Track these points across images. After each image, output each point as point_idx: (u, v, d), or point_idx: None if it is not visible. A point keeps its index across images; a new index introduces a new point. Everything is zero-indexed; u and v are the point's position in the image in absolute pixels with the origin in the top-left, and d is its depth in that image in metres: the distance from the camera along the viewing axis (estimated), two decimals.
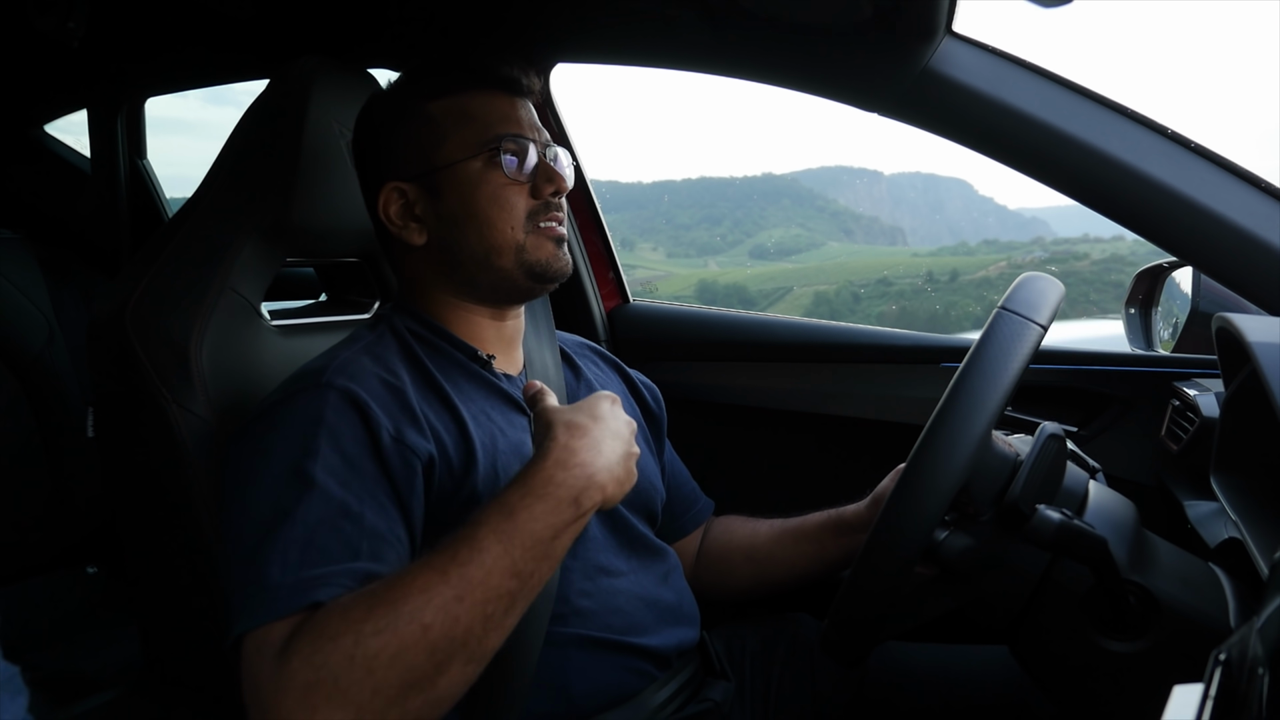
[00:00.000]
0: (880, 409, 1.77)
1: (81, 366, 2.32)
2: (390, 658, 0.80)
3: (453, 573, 0.85)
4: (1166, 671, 0.85)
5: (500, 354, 1.23)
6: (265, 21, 1.82)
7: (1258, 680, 0.58)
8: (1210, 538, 1.16)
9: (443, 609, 0.83)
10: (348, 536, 0.92)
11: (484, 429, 1.13)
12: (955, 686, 1.30)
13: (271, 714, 0.80)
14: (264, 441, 1.00)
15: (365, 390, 1.03)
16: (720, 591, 1.45)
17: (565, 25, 1.57)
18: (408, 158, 1.18)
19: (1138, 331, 1.81)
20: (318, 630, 0.82)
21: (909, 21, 1.26)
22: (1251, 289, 1.21)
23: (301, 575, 0.88)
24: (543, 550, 0.89)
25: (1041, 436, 0.97)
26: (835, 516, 1.36)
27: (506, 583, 0.86)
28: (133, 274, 1.22)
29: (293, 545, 0.90)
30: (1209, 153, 1.24)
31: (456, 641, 0.83)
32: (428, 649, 0.82)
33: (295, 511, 0.92)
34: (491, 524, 0.88)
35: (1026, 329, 0.93)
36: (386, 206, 1.19)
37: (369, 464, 0.99)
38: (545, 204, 1.17)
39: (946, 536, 0.99)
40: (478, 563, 0.85)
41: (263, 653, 0.83)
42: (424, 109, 1.17)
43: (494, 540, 0.87)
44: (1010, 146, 1.30)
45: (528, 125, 1.19)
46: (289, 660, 0.81)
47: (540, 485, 0.90)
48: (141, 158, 2.56)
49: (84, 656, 1.96)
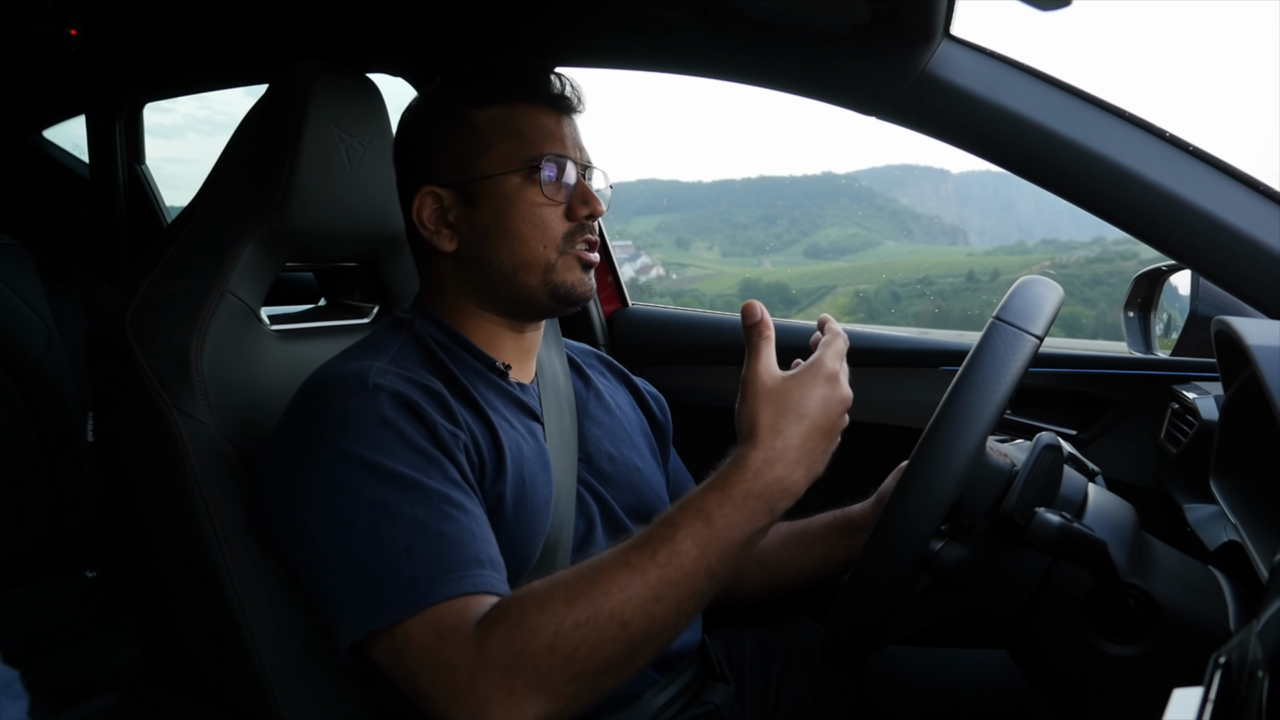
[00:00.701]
0: (879, 412, 1.77)
1: (80, 371, 2.32)
2: (590, 650, 0.85)
3: (652, 573, 0.88)
4: (1166, 675, 0.85)
5: (516, 364, 1.23)
6: (264, 26, 1.83)
7: (1257, 684, 0.58)
8: (1210, 541, 1.16)
9: (641, 608, 0.87)
10: (458, 521, 0.95)
11: (510, 437, 1.13)
12: (955, 690, 1.30)
13: (469, 694, 0.86)
14: (330, 449, 0.99)
15: (411, 391, 1.04)
16: (729, 597, 1.43)
17: (563, 29, 1.57)
18: (448, 164, 1.17)
19: (1137, 335, 1.81)
20: (515, 620, 0.87)
21: (907, 25, 1.26)
22: (1250, 292, 1.20)
23: (433, 564, 0.91)
24: (736, 554, 0.91)
25: (1037, 447, 0.96)
26: (841, 518, 1.35)
27: (701, 584, 0.89)
28: (132, 278, 1.22)
29: (414, 536, 0.93)
30: (1207, 156, 1.24)
31: (652, 635, 0.88)
32: (625, 642, 0.86)
33: (398, 506, 0.94)
34: (690, 528, 0.90)
35: (1021, 341, 0.92)
36: (420, 209, 1.18)
37: (441, 456, 1.01)
38: (580, 226, 1.17)
39: (942, 547, 0.98)
40: (676, 565, 0.88)
41: (448, 638, 0.88)
42: (469, 116, 1.17)
43: (692, 545, 0.89)
44: (1009, 150, 1.30)
45: (571, 144, 1.18)
46: (487, 646, 0.86)
47: (740, 496, 0.91)
48: (140, 163, 2.56)
49: (83, 661, 1.96)
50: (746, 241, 21.54)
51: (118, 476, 1.24)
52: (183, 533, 1.16)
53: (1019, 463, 0.98)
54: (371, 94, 1.35)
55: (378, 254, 1.47)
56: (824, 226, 22.46)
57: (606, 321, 2.08)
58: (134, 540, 1.25)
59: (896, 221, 23.37)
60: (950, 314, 11.56)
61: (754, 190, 24.91)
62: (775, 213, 21.87)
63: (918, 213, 21.41)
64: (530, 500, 1.11)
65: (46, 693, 1.80)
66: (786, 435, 0.92)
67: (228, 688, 1.19)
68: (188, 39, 2.05)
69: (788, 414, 0.93)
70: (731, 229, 22.02)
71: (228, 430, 1.18)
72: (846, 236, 22.55)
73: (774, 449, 0.92)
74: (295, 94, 1.26)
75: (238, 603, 1.15)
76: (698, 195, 24.67)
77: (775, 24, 1.36)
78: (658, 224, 22.00)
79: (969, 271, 14.86)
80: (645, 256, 19.39)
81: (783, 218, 21.63)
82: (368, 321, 1.51)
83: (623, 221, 23.24)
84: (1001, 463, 0.99)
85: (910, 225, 22.63)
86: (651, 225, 21.94)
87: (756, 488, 0.91)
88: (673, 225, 22.58)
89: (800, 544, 1.38)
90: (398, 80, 1.80)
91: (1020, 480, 0.95)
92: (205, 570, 1.16)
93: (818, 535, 1.37)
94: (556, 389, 1.28)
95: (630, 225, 22.25)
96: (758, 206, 22.62)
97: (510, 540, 1.08)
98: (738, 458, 0.93)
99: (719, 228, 22.16)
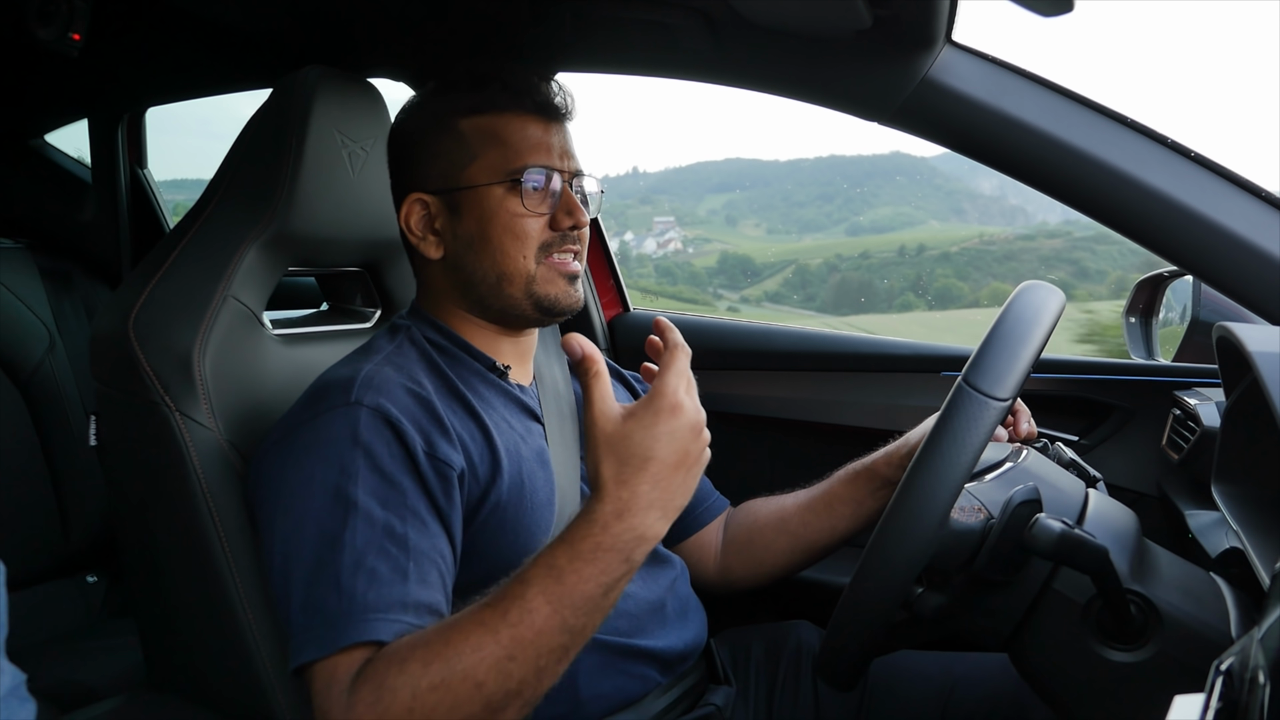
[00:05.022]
0: (880, 418, 1.77)
1: (82, 375, 2.32)
2: (447, 711, 0.85)
3: (504, 633, 0.86)
4: (1168, 681, 0.85)
5: (514, 364, 1.24)
6: (267, 32, 1.83)
7: (1259, 690, 0.58)
8: (1211, 547, 1.16)
9: (495, 667, 0.86)
10: (394, 559, 0.95)
11: (507, 437, 1.14)
12: (956, 693, 1.30)
13: None
14: (300, 464, 1.01)
15: (395, 405, 1.04)
16: (759, 572, 1.42)
17: (565, 35, 1.58)
18: (434, 172, 1.18)
19: (1139, 341, 1.81)
20: (379, 680, 0.87)
21: (908, 31, 1.27)
22: (1252, 298, 1.21)
23: (356, 603, 0.92)
24: (594, 605, 0.88)
25: (1010, 506, 0.94)
26: (865, 472, 1.34)
27: (558, 639, 0.87)
28: (135, 283, 1.22)
29: (344, 571, 0.94)
30: (1209, 162, 1.24)
31: (511, 693, 0.87)
32: (483, 702, 0.86)
33: (342, 536, 0.95)
34: (540, 584, 0.87)
35: (985, 409, 0.91)
36: (409, 216, 1.19)
37: (407, 480, 1.01)
38: (562, 235, 1.17)
39: (921, 594, 0.99)
40: (528, 624, 0.86)
41: (331, 689, 0.90)
42: (457, 125, 1.17)
43: (543, 601, 0.86)
44: (1010, 156, 1.30)
45: (558, 153, 1.18)
46: (354, 705, 0.87)
47: (589, 550, 0.87)
48: (143, 167, 2.57)
49: (84, 665, 1.95)
50: (797, 219, 21.66)
51: (120, 481, 1.24)
52: (186, 536, 1.16)
53: (996, 511, 0.97)
54: (374, 99, 1.36)
55: (380, 259, 1.47)
56: (877, 206, 22.56)
57: (608, 326, 2.09)
58: (136, 544, 1.25)
59: (951, 202, 23.32)
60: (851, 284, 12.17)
61: (820, 169, 24.97)
62: (833, 191, 21.93)
63: (975, 193, 21.32)
64: (531, 499, 1.12)
65: (47, 697, 1.80)
66: (632, 485, 0.87)
67: (230, 693, 1.19)
68: (191, 44, 2.05)
69: (631, 462, 0.87)
70: (789, 207, 22.15)
71: (230, 434, 1.18)
72: (892, 215, 22.65)
73: (620, 500, 0.87)
74: (298, 99, 1.27)
75: (241, 607, 1.15)
76: (769, 173, 24.81)
77: (777, 29, 1.36)
78: (725, 202, 22.22)
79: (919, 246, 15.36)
80: (673, 232, 19.74)
81: (839, 196, 21.69)
82: (369, 326, 1.51)
83: (695, 199, 23.42)
84: (972, 524, 0.97)
85: (965, 205, 22.57)
86: (720, 203, 22.18)
87: (606, 540, 0.87)
88: (738, 203, 22.82)
89: (825, 506, 1.37)
90: (400, 85, 1.80)
91: (991, 541, 0.94)
92: (208, 574, 1.16)
93: (843, 494, 1.35)
94: (556, 392, 1.29)
95: (702, 203, 22.47)
96: (819, 185, 22.68)
97: (514, 538, 1.09)
98: (585, 511, 0.89)
99: (778, 206, 22.31)
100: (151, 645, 1.30)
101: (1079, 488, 1.05)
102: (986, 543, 0.95)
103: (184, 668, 1.25)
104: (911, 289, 14.95)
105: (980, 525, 0.97)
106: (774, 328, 1.96)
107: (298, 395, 1.11)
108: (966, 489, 0.99)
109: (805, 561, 1.40)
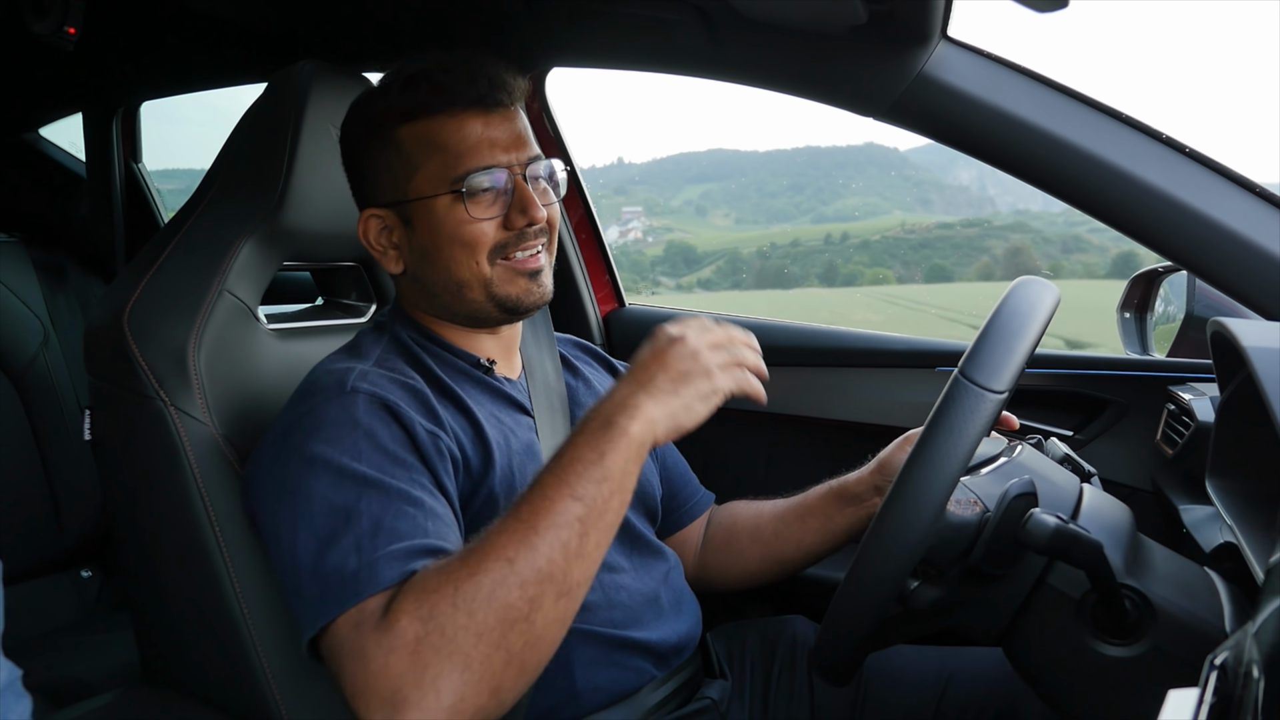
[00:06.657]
0: (875, 413, 1.77)
1: (77, 370, 2.32)
2: (486, 596, 0.86)
3: (523, 510, 0.91)
4: (1162, 676, 0.85)
5: (500, 359, 1.24)
6: (261, 26, 1.82)
7: (1253, 684, 0.58)
8: (1206, 542, 1.16)
9: (522, 542, 0.89)
10: (413, 518, 0.96)
11: (497, 431, 1.15)
12: (951, 688, 1.30)
13: (382, 680, 0.85)
14: (303, 451, 1.00)
15: (391, 393, 1.05)
16: (729, 576, 1.43)
17: (560, 29, 1.57)
18: (383, 186, 1.16)
19: (1133, 336, 1.81)
20: (419, 587, 0.88)
21: (904, 27, 1.27)
22: (1247, 294, 1.21)
23: (379, 555, 0.92)
24: (595, 472, 0.93)
25: (1005, 500, 0.95)
26: (838, 488, 1.35)
27: (569, 506, 0.91)
28: (130, 277, 1.22)
29: (364, 536, 0.94)
30: (1204, 158, 1.24)
31: (543, 573, 0.88)
32: (518, 584, 0.87)
33: (357, 506, 0.96)
34: (545, 471, 0.94)
35: (982, 401, 0.91)
36: (367, 231, 1.18)
37: (411, 458, 1.02)
38: (519, 234, 1.14)
39: (917, 588, 0.99)
40: (539, 495, 0.92)
41: (363, 626, 0.88)
42: (394, 135, 1.13)
43: (547, 474, 0.93)
44: (1005, 152, 1.30)
45: (503, 146, 1.12)
46: (396, 620, 0.86)
47: (578, 426, 0.97)
48: (137, 161, 2.56)
49: (79, 661, 1.95)
50: (766, 209, 21.98)
51: (115, 475, 1.24)
52: (181, 531, 1.16)
53: (992, 504, 0.97)
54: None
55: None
56: (846, 196, 22.80)
57: (603, 321, 2.09)
58: (131, 539, 1.25)
59: (919, 192, 23.70)
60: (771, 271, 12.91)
61: (795, 159, 25.32)
62: (805, 182, 22.27)
63: (944, 184, 21.67)
64: (521, 490, 1.12)
65: (42, 693, 1.79)
66: (620, 385, 0.99)
67: (225, 687, 1.19)
68: (186, 38, 2.04)
69: (626, 377, 1.00)
70: (761, 197, 22.49)
71: (225, 428, 1.18)
72: (856, 206, 22.89)
73: (609, 396, 0.98)
74: (293, 93, 1.26)
75: (236, 602, 1.15)
76: (746, 164, 25.19)
77: (772, 25, 1.36)
78: (701, 192, 22.47)
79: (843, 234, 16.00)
80: (636, 222, 20.18)
81: (810, 186, 22.02)
82: (364, 320, 1.51)
83: (674, 189, 23.64)
84: (968, 517, 0.97)
85: (932, 196, 22.97)
86: (696, 194, 22.41)
87: (592, 416, 0.96)
88: (713, 194, 23.23)
89: (797, 517, 1.37)
90: None
91: (987, 534, 0.94)
92: (203, 569, 1.16)
93: (815, 507, 1.36)
94: (547, 384, 1.29)
95: (679, 193, 22.68)
96: (792, 175, 22.98)
97: None
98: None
99: (751, 196, 22.70)
100: (146, 640, 1.29)
101: (1074, 483, 1.05)
102: (982, 536, 0.95)
103: (179, 662, 1.25)
104: (820, 275, 15.46)
105: (976, 519, 0.97)
106: (768, 323, 1.96)
107: (292, 389, 1.11)
108: (962, 482, 1.00)
109: (776, 573, 1.40)
